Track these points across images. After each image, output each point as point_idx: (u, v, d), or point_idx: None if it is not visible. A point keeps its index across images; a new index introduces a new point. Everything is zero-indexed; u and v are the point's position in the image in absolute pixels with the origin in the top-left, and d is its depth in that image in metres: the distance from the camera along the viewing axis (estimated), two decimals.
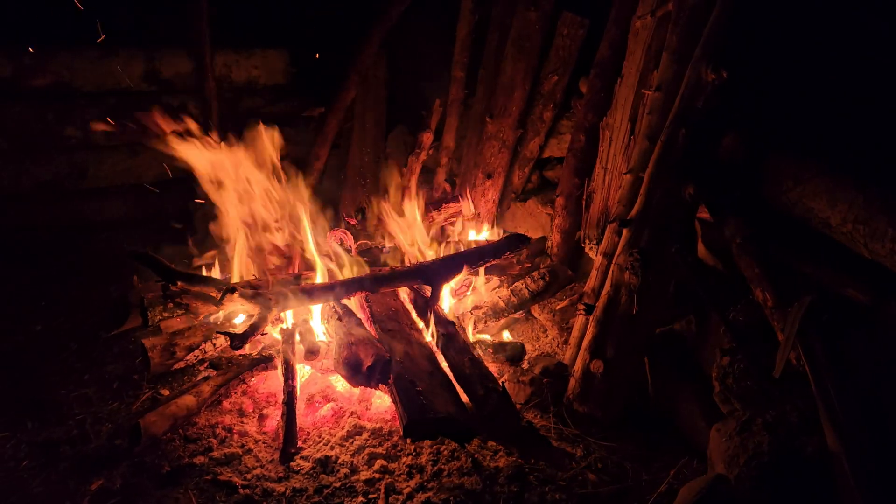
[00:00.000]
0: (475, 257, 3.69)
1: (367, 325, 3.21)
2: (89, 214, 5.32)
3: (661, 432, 2.91)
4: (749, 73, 2.80)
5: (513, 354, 3.56)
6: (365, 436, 2.85)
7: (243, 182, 3.76)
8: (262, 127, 3.85)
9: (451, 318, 3.38)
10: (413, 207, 4.20)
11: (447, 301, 3.79)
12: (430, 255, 4.00)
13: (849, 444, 2.14)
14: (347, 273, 3.59)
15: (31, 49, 4.72)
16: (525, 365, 3.49)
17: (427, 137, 4.95)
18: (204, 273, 3.80)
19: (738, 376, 2.62)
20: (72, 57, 4.92)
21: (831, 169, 2.62)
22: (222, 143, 3.75)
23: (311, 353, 3.20)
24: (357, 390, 3.13)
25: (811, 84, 2.94)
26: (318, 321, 3.50)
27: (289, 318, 3.48)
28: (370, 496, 2.53)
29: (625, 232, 3.00)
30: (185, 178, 4.11)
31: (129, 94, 5.19)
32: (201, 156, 3.70)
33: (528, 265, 4.16)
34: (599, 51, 4.06)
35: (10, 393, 3.20)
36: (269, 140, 3.87)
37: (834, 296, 2.56)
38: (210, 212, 3.87)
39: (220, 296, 2.91)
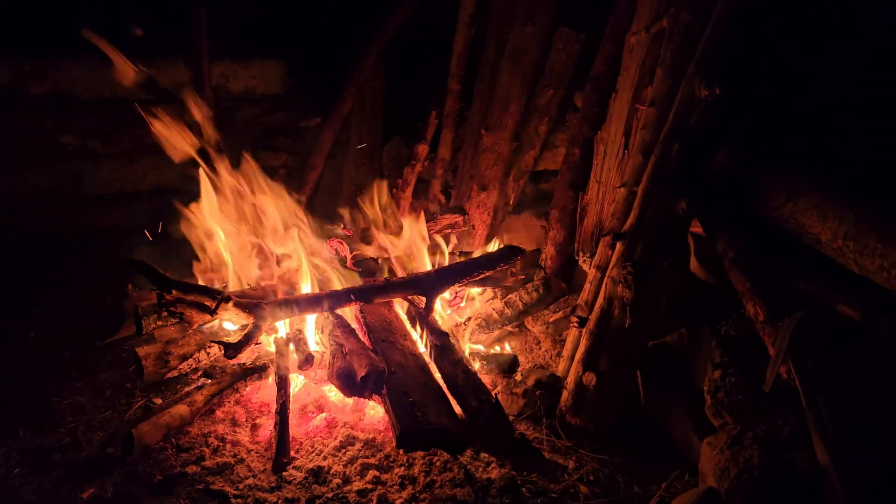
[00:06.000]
0: (470, 269, 3.70)
1: (361, 335, 3.21)
2: (86, 222, 5.30)
3: (653, 445, 2.92)
4: (742, 90, 2.83)
5: (506, 366, 3.56)
6: (358, 446, 2.85)
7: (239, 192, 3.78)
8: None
9: (444, 329, 3.39)
10: (411, 219, 4.21)
11: (441, 312, 3.80)
12: (426, 266, 4.02)
13: (839, 458, 2.15)
14: (342, 283, 3.60)
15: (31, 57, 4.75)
16: (518, 377, 3.50)
17: (423, 149, 4.98)
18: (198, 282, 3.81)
19: (729, 390, 2.63)
20: (71, 65, 4.94)
21: (822, 185, 2.65)
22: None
23: (305, 363, 3.20)
24: (350, 401, 3.14)
25: (802, 100, 2.97)
26: (312, 331, 3.50)
27: (282, 327, 3.48)
28: None
29: (618, 245, 3.02)
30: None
31: (127, 103, 5.19)
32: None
33: (523, 277, 4.17)
34: (595, 66, 4.09)
35: (1, 400, 3.19)
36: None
37: (826, 311, 2.58)
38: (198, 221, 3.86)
39: (214, 305, 2.91)
